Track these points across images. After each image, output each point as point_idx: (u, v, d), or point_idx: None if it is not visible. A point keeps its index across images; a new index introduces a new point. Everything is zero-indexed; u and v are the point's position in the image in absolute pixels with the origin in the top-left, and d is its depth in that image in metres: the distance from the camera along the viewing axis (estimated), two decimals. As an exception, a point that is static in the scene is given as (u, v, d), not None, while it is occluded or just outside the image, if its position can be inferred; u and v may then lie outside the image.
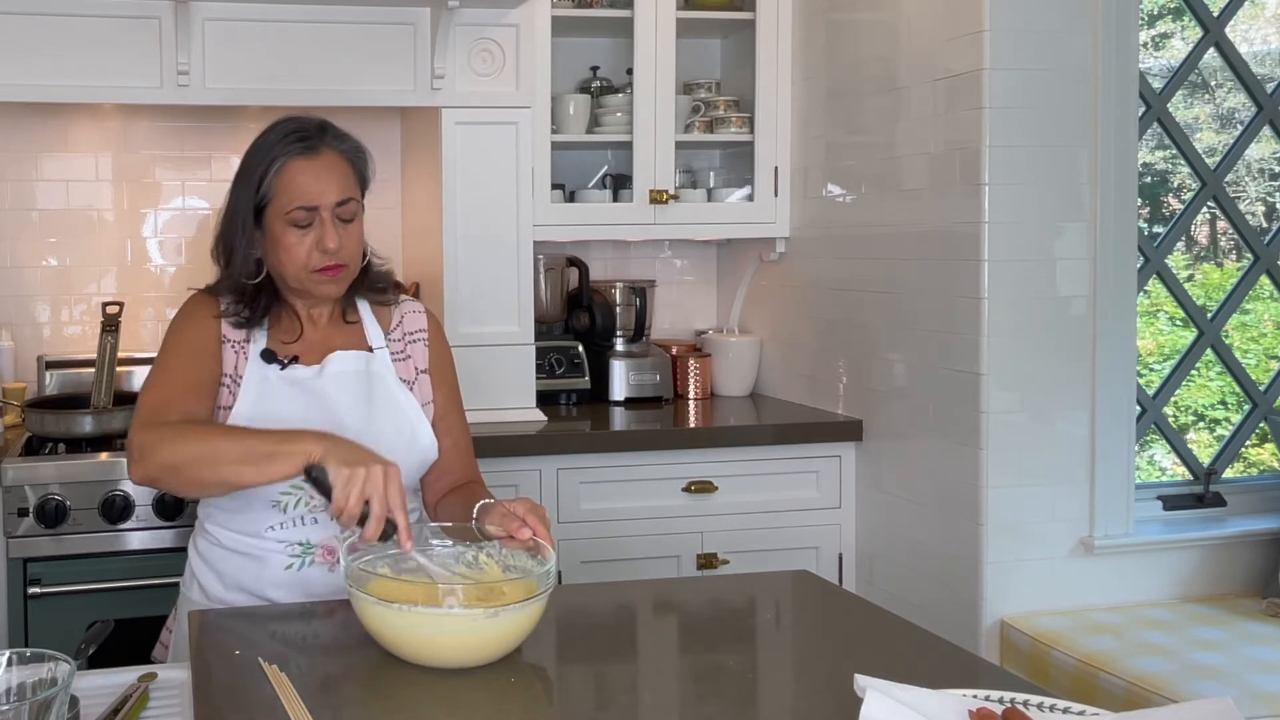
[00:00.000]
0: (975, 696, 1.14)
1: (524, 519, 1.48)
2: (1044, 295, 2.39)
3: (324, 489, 1.44)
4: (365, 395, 1.71)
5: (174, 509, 2.43)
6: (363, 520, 1.42)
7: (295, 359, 1.72)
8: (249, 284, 1.71)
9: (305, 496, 1.66)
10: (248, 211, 1.68)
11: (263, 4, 2.67)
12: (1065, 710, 1.12)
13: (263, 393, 1.69)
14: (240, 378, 1.70)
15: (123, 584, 2.41)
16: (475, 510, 1.58)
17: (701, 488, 2.79)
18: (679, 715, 1.19)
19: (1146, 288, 2.71)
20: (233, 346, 1.72)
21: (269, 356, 1.71)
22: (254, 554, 1.69)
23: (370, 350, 1.76)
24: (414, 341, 1.82)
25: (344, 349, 1.74)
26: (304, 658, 1.36)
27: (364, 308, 1.80)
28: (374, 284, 1.80)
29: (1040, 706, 1.13)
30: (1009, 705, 1.13)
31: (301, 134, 1.67)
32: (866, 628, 1.34)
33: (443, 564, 1.47)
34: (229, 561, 1.71)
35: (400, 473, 1.46)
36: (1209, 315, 2.72)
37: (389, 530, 1.43)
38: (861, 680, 1.11)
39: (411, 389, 1.77)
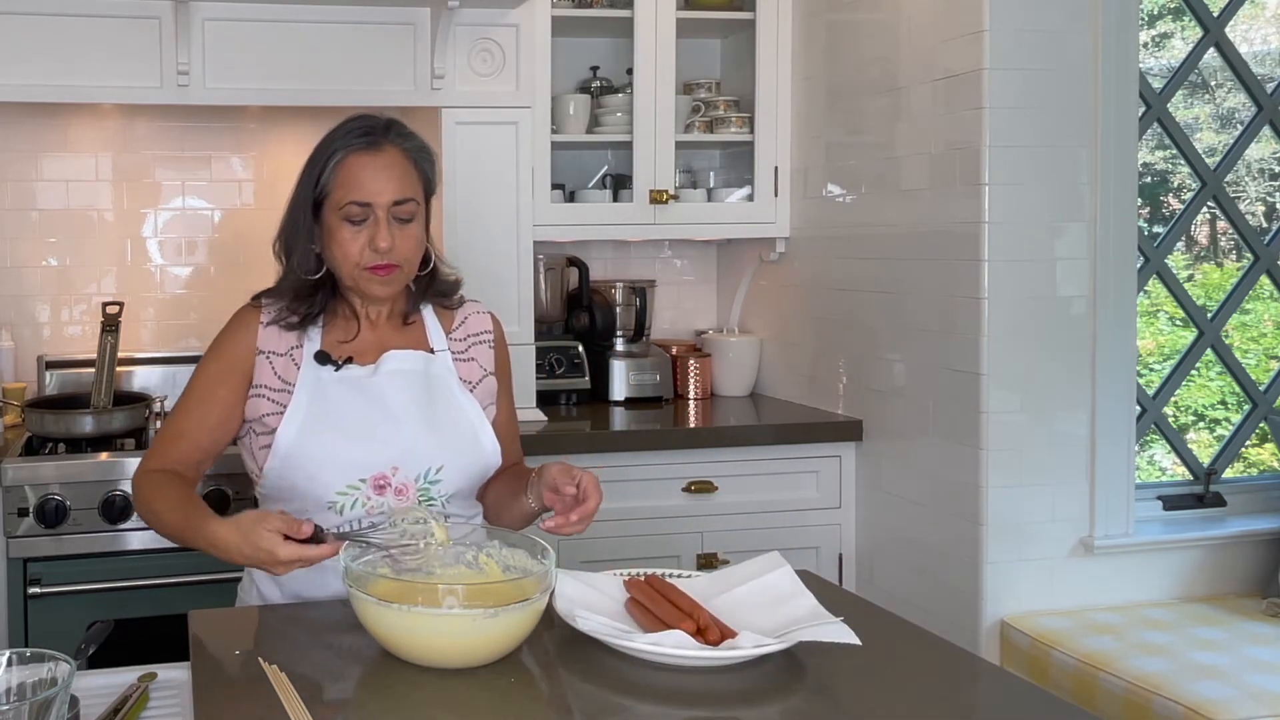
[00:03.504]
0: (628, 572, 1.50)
1: (579, 481, 1.54)
2: (1044, 295, 2.39)
3: None
4: (424, 396, 1.68)
5: (174, 509, 2.43)
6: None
7: (350, 360, 1.69)
8: (309, 279, 1.69)
9: (362, 498, 1.63)
10: (307, 205, 1.67)
11: (263, 4, 2.67)
12: (689, 576, 1.49)
13: (316, 395, 1.66)
14: (291, 385, 1.67)
15: (123, 584, 2.41)
16: (540, 468, 1.63)
17: (701, 488, 2.79)
18: (679, 715, 1.20)
19: (1146, 288, 2.71)
20: (272, 358, 1.69)
21: (322, 358, 1.68)
22: None
23: (431, 351, 1.73)
24: (478, 343, 1.79)
25: (402, 349, 1.71)
26: (304, 658, 1.36)
27: (427, 310, 1.78)
28: (440, 290, 1.77)
29: (676, 576, 1.49)
30: (651, 574, 1.48)
31: (366, 130, 1.66)
32: (866, 628, 1.34)
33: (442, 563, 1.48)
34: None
35: (274, 515, 1.46)
36: (1209, 315, 2.72)
37: (319, 534, 1.45)
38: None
39: (473, 391, 1.74)
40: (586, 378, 3.16)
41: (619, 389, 3.16)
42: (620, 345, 3.22)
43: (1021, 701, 1.26)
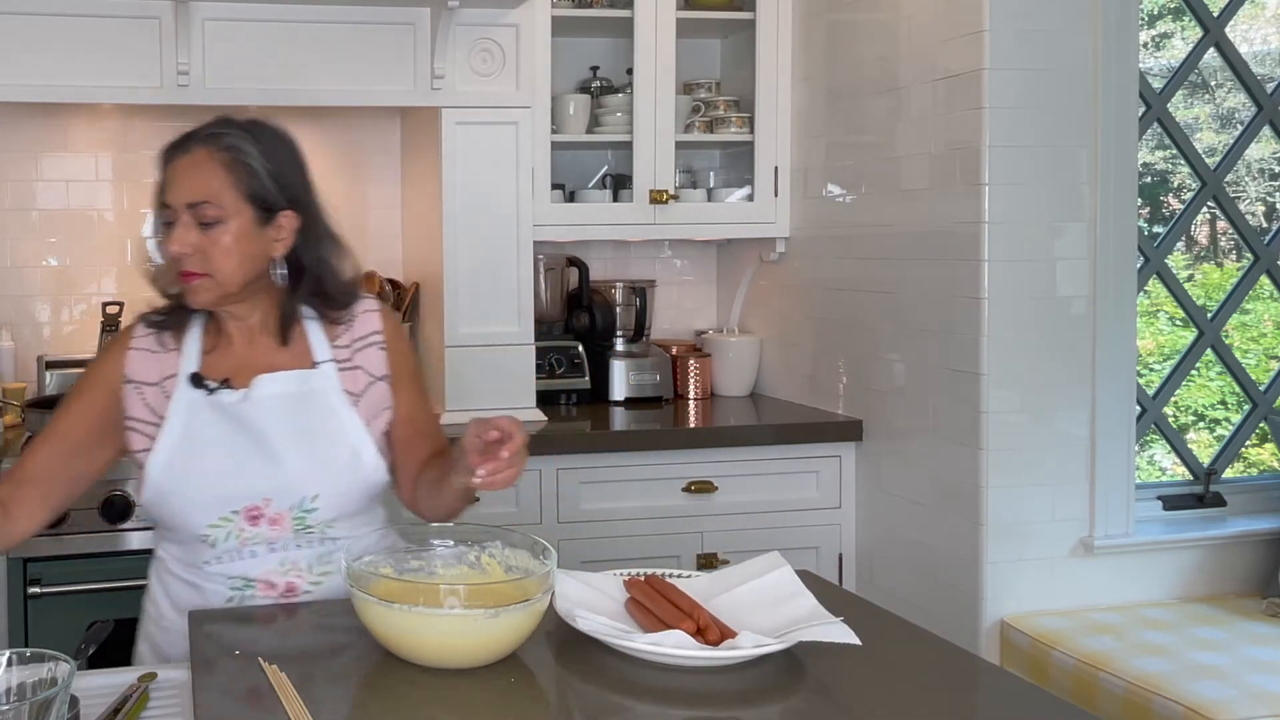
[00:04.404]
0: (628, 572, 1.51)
1: (497, 424, 1.45)
2: (1044, 295, 2.39)
3: None
4: (300, 420, 1.59)
5: (174, 509, 2.43)
6: None
7: (227, 382, 1.60)
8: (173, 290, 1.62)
9: (235, 529, 1.57)
10: (158, 215, 1.63)
11: (263, 4, 2.67)
12: (689, 576, 1.50)
13: (188, 424, 1.58)
14: (164, 417, 1.59)
15: (123, 584, 2.41)
16: (457, 446, 1.55)
17: (701, 488, 2.79)
18: (678, 715, 1.20)
19: (1146, 288, 2.71)
20: (143, 389, 1.62)
21: (196, 381, 1.59)
22: (198, 584, 1.62)
23: (313, 365, 1.63)
24: (366, 347, 1.67)
25: (279, 367, 1.62)
26: (304, 658, 1.36)
27: (310, 319, 1.66)
28: (328, 302, 1.66)
29: (676, 576, 1.50)
30: (651, 574, 1.49)
31: (186, 133, 1.59)
32: (866, 628, 1.34)
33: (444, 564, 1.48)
34: (177, 588, 1.65)
35: None
36: (1209, 315, 2.72)
37: None
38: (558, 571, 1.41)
39: (358, 403, 1.64)
40: (586, 378, 3.16)
41: (619, 389, 3.16)
42: (620, 345, 3.22)
43: (1021, 701, 1.26)
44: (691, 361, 3.23)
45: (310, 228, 1.63)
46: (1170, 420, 2.76)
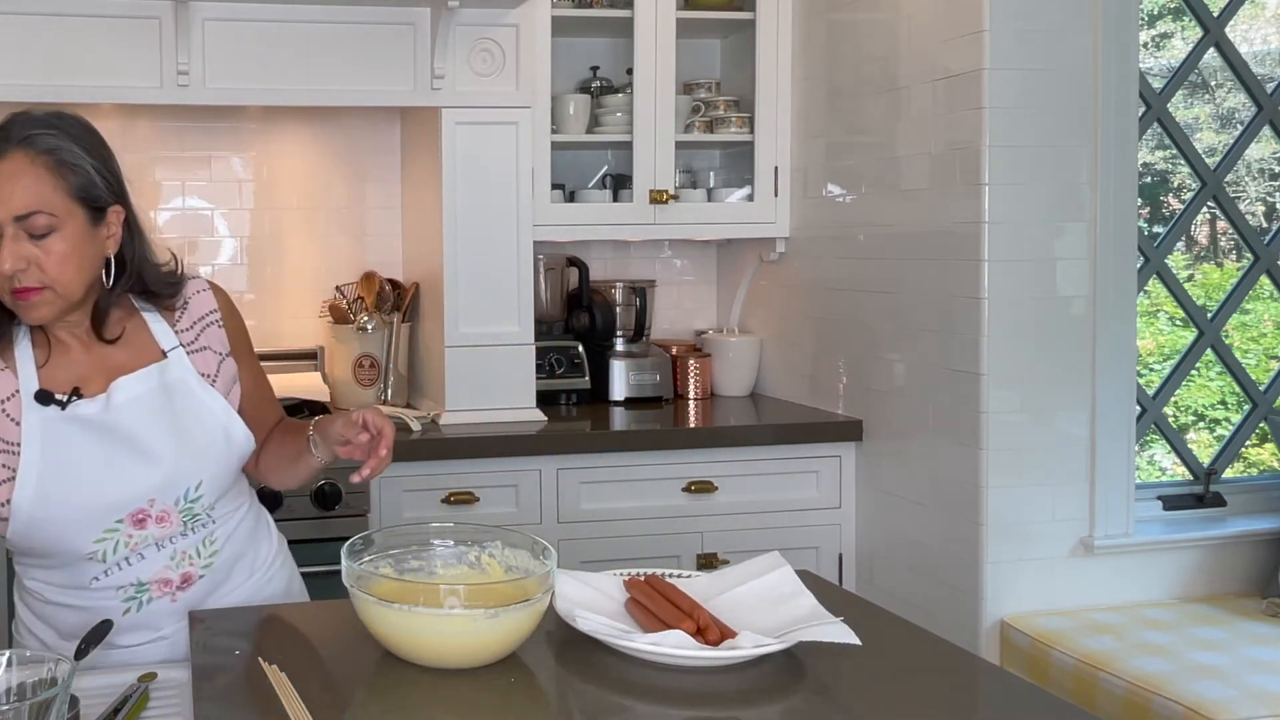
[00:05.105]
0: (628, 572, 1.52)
1: (367, 423, 1.51)
2: (1044, 295, 2.39)
3: None
4: (168, 413, 1.53)
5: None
6: None
7: (77, 392, 1.50)
8: None
9: (123, 538, 1.50)
10: None
11: (263, 4, 2.67)
12: (689, 576, 1.50)
13: (49, 446, 1.48)
14: (13, 444, 1.48)
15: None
16: (313, 424, 1.58)
17: (701, 488, 2.79)
18: (678, 715, 1.20)
19: (1146, 288, 2.71)
20: None
21: (44, 398, 1.49)
22: (86, 605, 1.54)
23: (163, 355, 1.56)
24: (207, 326, 1.62)
25: (125, 365, 1.54)
26: (304, 658, 1.36)
27: (145, 309, 1.59)
28: (151, 295, 1.59)
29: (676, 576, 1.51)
30: (651, 574, 1.49)
31: None
32: (866, 628, 1.34)
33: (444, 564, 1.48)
34: (61, 614, 1.56)
35: None
36: (1209, 315, 2.72)
37: None
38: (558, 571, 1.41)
39: (215, 382, 1.59)
40: (586, 378, 3.16)
41: (619, 389, 3.16)
42: (620, 345, 3.22)
43: (1021, 701, 1.26)
44: (691, 361, 3.23)
45: (131, 220, 1.56)
46: (1170, 420, 2.76)
